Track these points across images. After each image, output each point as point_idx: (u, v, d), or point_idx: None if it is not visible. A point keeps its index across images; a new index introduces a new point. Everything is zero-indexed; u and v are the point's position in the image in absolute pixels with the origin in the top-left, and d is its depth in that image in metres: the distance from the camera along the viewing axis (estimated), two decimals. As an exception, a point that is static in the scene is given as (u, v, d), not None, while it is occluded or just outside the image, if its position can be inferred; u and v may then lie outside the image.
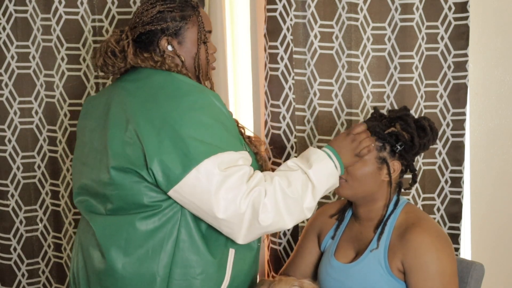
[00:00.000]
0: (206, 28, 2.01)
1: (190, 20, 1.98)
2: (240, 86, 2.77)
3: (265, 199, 1.81)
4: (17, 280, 2.72)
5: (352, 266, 2.07)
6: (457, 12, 2.56)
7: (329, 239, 2.21)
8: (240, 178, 1.80)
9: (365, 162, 2.05)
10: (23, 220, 2.69)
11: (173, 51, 1.97)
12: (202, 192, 1.79)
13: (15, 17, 2.58)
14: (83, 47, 2.62)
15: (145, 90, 1.88)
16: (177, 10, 1.97)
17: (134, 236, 1.86)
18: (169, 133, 1.79)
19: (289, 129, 2.59)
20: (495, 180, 2.80)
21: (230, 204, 1.79)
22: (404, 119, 2.08)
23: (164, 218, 1.86)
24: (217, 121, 1.84)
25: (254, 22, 2.64)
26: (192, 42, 1.99)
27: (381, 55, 2.61)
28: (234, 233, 1.83)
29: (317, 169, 1.91)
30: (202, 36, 1.99)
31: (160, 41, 1.97)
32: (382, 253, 2.04)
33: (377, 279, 2.02)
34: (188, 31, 1.98)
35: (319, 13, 2.57)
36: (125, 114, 1.85)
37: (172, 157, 1.78)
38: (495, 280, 2.73)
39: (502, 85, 2.76)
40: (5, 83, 2.61)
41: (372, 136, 2.06)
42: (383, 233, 2.05)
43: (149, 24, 1.97)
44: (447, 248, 2.01)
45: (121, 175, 1.85)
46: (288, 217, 1.86)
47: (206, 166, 1.78)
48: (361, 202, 2.10)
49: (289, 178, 1.87)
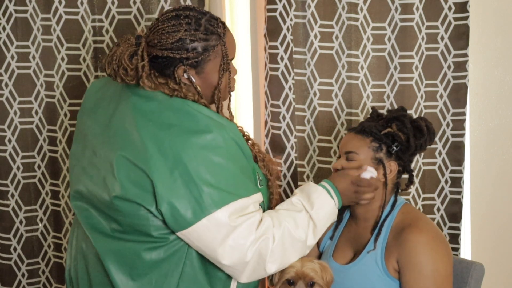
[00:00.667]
0: (230, 56, 1.88)
1: (214, 51, 1.84)
2: (240, 86, 2.77)
3: (273, 246, 1.80)
4: (17, 280, 2.72)
5: (350, 267, 2.07)
6: (457, 12, 2.56)
7: (328, 239, 2.21)
8: (248, 227, 1.76)
9: (361, 162, 2.05)
10: (23, 220, 2.69)
11: (189, 80, 1.85)
12: (209, 240, 1.75)
13: (15, 17, 2.58)
14: (83, 47, 2.62)
15: (159, 117, 1.77)
16: (200, 40, 1.81)
17: (140, 264, 1.82)
18: (182, 175, 1.72)
19: (289, 129, 2.59)
20: (495, 180, 2.80)
21: (236, 252, 1.76)
22: (401, 120, 2.08)
23: (171, 250, 1.82)
24: (233, 162, 1.78)
25: (254, 22, 2.64)
26: (213, 73, 1.86)
27: (381, 55, 2.60)
28: (236, 276, 1.82)
29: (319, 208, 1.90)
30: (225, 67, 1.86)
31: (177, 69, 1.83)
32: (379, 254, 2.03)
33: (375, 280, 2.02)
34: (210, 62, 1.85)
35: (319, 13, 2.57)
36: (136, 140, 1.75)
37: (183, 202, 1.72)
38: (495, 280, 2.73)
39: (502, 85, 2.76)
40: (5, 83, 2.60)
41: (368, 137, 2.06)
42: (380, 234, 2.05)
43: (168, 50, 1.81)
44: (443, 249, 2.00)
45: (126, 204, 1.78)
46: (293, 256, 1.87)
47: (217, 216, 1.73)
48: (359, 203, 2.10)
49: (296, 220, 1.86)
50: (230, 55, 1.89)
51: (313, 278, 1.94)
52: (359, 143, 2.07)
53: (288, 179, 2.60)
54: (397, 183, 2.12)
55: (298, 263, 1.94)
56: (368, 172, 2.02)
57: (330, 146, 2.64)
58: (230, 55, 1.89)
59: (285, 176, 2.60)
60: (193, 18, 1.83)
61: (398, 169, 2.09)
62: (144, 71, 1.80)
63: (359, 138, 2.08)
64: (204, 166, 1.72)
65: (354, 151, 2.06)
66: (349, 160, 2.07)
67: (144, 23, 2.59)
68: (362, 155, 2.06)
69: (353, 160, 2.07)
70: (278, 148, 2.60)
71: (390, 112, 2.15)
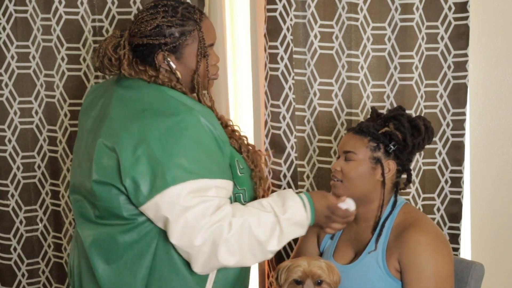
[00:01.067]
0: (208, 42, 1.94)
1: (191, 36, 1.91)
2: (240, 86, 2.77)
3: (229, 235, 1.77)
4: (17, 280, 2.72)
5: (351, 267, 2.07)
6: (457, 12, 2.56)
7: (328, 239, 2.21)
8: (203, 210, 1.75)
9: (359, 162, 2.05)
10: (23, 220, 2.69)
11: (170, 66, 1.92)
12: (163, 217, 1.77)
13: (15, 17, 2.58)
14: (83, 47, 2.62)
15: (135, 103, 1.86)
16: (177, 25, 1.90)
17: (115, 248, 1.87)
18: (145, 152, 1.77)
19: (289, 129, 2.59)
20: (495, 180, 2.80)
21: (186, 233, 1.75)
22: (398, 119, 2.08)
23: (143, 232, 1.86)
24: (198, 144, 1.80)
25: (254, 22, 2.64)
26: (191, 58, 1.93)
27: (381, 55, 2.60)
28: (191, 262, 1.81)
29: (290, 216, 1.88)
30: (202, 52, 1.92)
31: (157, 56, 1.91)
32: (380, 254, 2.03)
33: (376, 280, 2.02)
34: (188, 47, 1.92)
35: (319, 13, 2.57)
36: (114, 125, 1.84)
37: (144, 178, 1.77)
38: (495, 280, 2.73)
39: (502, 85, 2.76)
40: (5, 83, 2.60)
41: (366, 137, 2.06)
42: (381, 235, 2.05)
43: (147, 37, 1.90)
44: (444, 250, 2.00)
45: (101, 188, 1.85)
46: (250, 257, 1.83)
47: (172, 193, 1.75)
48: (358, 203, 2.10)
49: (260, 219, 1.83)
50: (208, 40, 1.94)
51: (320, 276, 1.93)
52: (358, 143, 2.08)
53: (288, 179, 2.60)
54: (397, 182, 2.12)
55: (304, 262, 1.94)
56: (346, 204, 1.99)
57: (330, 146, 2.64)
58: (208, 40, 1.94)
59: (285, 176, 2.60)
60: (170, 6, 1.92)
61: (396, 168, 2.09)
62: (124, 58, 1.90)
63: (357, 138, 2.08)
64: (167, 145, 1.77)
65: (352, 151, 2.07)
66: (348, 160, 2.08)
67: (144, 23, 2.59)
68: (360, 154, 2.06)
69: (351, 160, 2.07)
70: (278, 148, 2.60)
71: (388, 112, 2.15)
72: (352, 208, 2.01)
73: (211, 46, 1.97)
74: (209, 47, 1.95)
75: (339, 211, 1.96)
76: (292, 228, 1.88)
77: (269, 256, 1.88)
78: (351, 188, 2.07)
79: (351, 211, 2.00)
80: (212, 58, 1.98)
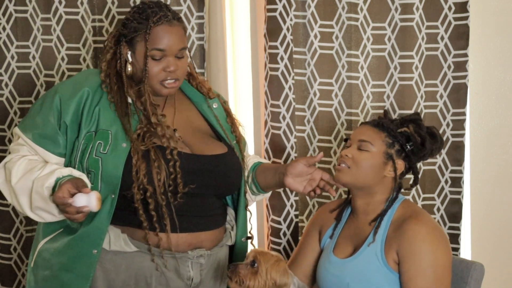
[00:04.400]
0: (152, 45, 2.03)
1: (141, 34, 2.03)
2: (240, 86, 2.77)
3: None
4: (17, 280, 2.72)
5: (350, 260, 2.09)
6: (457, 12, 2.56)
7: (328, 238, 2.22)
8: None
9: (373, 154, 2.07)
10: (23, 220, 2.68)
11: (127, 58, 2.07)
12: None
13: (15, 17, 2.58)
14: (83, 47, 2.62)
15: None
16: (135, 21, 2.04)
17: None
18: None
19: (289, 129, 2.59)
20: (495, 180, 2.80)
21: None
22: (418, 123, 2.12)
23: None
24: (40, 112, 2.05)
25: (254, 22, 2.64)
26: (140, 56, 2.04)
27: (381, 55, 2.60)
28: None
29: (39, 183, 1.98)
30: (147, 53, 2.02)
31: (122, 46, 2.07)
32: (379, 247, 2.05)
33: (374, 272, 2.04)
34: (138, 45, 2.04)
35: (319, 13, 2.57)
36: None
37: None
38: (495, 280, 2.73)
39: (502, 85, 2.76)
40: (5, 83, 2.60)
41: (384, 132, 2.08)
42: (379, 227, 2.07)
43: (119, 29, 2.09)
44: (443, 241, 2.03)
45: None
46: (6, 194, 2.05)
47: (14, 132, 2.09)
48: (359, 194, 2.12)
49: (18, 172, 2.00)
50: (152, 43, 2.03)
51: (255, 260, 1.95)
52: (375, 135, 2.10)
53: (288, 179, 2.60)
54: (400, 182, 2.14)
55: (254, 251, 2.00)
56: (83, 200, 1.88)
57: (330, 146, 2.64)
58: (152, 44, 2.03)
59: (285, 176, 2.60)
60: (144, 6, 2.07)
61: (403, 169, 2.11)
62: (105, 49, 2.13)
63: (374, 131, 2.11)
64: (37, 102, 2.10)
65: (369, 141, 2.09)
66: (362, 149, 2.09)
67: (144, 23, 2.59)
68: (375, 147, 2.08)
69: (366, 150, 2.08)
70: (278, 148, 2.60)
71: (406, 116, 2.19)
72: (92, 207, 1.89)
73: (158, 50, 2.03)
74: (156, 51, 2.02)
75: (71, 208, 1.91)
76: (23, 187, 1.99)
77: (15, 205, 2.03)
78: (357, 176, 2.08)
79: (88, 209, 1.90)
80: (162, 64, 2.04)
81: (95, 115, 2.04)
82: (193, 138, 2.12)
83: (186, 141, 2.09)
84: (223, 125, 2.20)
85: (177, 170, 1.99)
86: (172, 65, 2.04)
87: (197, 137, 2.14)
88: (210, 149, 2.11)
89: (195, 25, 2.62)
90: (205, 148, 2.11)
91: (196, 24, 2.62)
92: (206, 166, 2.07)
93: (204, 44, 2.63)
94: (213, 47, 2.61)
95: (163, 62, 2.04)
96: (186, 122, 2.16)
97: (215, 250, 2.12)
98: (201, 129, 2.18)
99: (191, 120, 2.18)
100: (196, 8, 2.62)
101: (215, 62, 2.61)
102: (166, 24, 2.04)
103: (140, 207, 1.98)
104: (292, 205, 2.60)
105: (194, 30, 2.62)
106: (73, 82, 2.09)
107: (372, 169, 2.08)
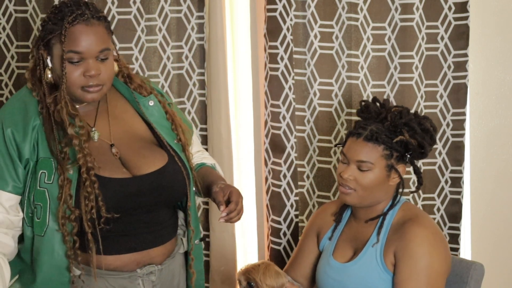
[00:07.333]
0: (72, 48, 1.85)
1: (56, 35, 1.87)
2: (240, 86, 2.77)
3: None
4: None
5: (351, 265, 2.07)
6: (457, 12, 2.56)
7: (327, 240, 2.21)
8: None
9: (375, 172, 2.02)
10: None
11: (46, 64, 1.91)
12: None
13: (15, 17, 2.58)
14: (83, 47, 2.62)
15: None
16: (50, 22, 1.88)
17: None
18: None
19: (289, 129, 2.59)
20: (495, 180, 2.80)
21: None
22: (411, 126, 2.04)
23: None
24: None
25: (254, 22, 2.64)
26: (57, 59, 1.88)
27: (381, 55, 2.61)
28: None
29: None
30: (64, 55, 1.85)
31: (40, 50, 1.90)
32: (378, 249, 2.04)
33: (375, 277, 2.03)
34: (55, 47, 1.88)
35: (319, 13, 2.58)
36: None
37: None
38: (495, 280, 2.73)
39: (502, 85, 2.76)
40: (5, 83, 2.60)
41: (380, 145, 2.01)
42: (382, 227, 2.06)
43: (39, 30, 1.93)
44: (441, 246, 2.01)
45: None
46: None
47: None
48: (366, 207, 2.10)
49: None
50: (68, 45, 1.86)
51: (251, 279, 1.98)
52: (372, 152, 2.02)
53: (288, 179, 2.60)
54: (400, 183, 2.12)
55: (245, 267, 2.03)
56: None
57: (330, 146, 2.64)
58: (68, 46, 1.86)
59: (285, 176, 2.60)
60: (62, 6, 1.89)
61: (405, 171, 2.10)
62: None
63: (370, 147, 2.02)
64: None
65: (369, 161, 2.01)
66: (363, 170, 2.02)
67: (144, 23, 2.59)
68: (376, 164, 2.02)
69: (367, 170, 2.02)
70: (278, 148, 2.60)
71: (394, 113, 2.08)
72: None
73: (74, 53, 1.86)
74: (73, 54, 1.86)
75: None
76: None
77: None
78: (364, 197, 2.04)
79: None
80: (77, 68, 1.87)
81: (33, 141, 1.88)
82: (130, 152, 1.96)
83: (123, 158, 1.94)
84: (162, 124, 2.03)
85: (96, 192, 1.84)
86: (92, 68, 1.86)
87: (135, 149, 1.97)
88: (149, 163, 1.95)
89: (195, 25, 2.62)
90: (144, 164, 1.94)
91: (196, 24, 2.62)
92: (146, 186, 1.92)
93: (204, 44, 2.63)
94: (213, 47, 2.61)
95: (82, 65, 1.87)
96: (123, 131, 2.00)
97: (167, 262, 2.00)
98: (139, 136, 2.01)
99: (129, 125, 2.02)
100: (196, 8, 2.62)
101: (215, 62, 2.61)
102: (82, 23, 1.86)
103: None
104: (292, 205, 2.60)
105: (194, 30, 2.62)
106: (17, 113, 1.90)
107: (378, 186, 2.03)
